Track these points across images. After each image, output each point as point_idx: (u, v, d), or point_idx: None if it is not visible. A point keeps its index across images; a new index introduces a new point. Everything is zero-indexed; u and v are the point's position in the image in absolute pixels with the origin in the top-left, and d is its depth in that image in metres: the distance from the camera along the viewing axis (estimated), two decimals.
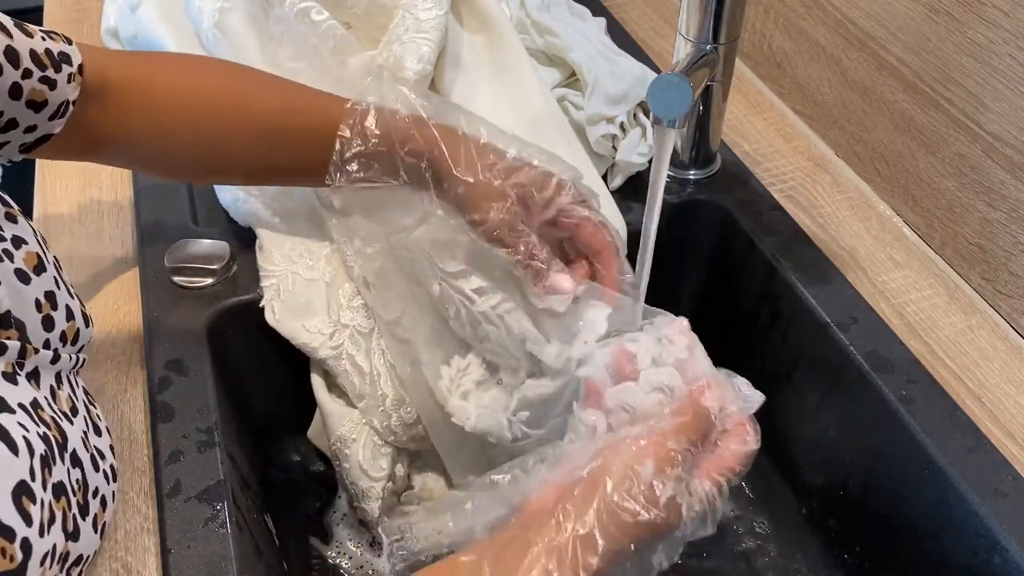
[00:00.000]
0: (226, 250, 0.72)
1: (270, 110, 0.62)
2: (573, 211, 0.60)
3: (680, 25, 0.72)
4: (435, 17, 0.77)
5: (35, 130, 0.54)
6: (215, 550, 0.55)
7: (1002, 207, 0.68)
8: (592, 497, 0.45)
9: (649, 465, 0.46)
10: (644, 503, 0.45)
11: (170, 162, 0.64)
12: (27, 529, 0.41)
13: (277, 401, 0.77)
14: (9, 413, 0.44)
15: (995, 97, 0.66)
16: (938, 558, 0.62)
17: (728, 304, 0.82)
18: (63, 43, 0.55)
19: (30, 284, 0.51)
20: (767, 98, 0.91)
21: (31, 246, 0.52)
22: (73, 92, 0.55)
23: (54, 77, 0.53)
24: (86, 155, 0.62)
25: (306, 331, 0.69)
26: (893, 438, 0.64)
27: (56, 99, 0.54)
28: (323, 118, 0.61)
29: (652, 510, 0.45)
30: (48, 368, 0.52)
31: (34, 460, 0.43)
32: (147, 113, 0.59)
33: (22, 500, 0.41)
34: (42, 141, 0.55)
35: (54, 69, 0.53)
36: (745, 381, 0.53)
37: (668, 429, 0.48)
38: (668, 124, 0.56)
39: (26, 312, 0.50)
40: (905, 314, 0.70)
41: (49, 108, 0.54)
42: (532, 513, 0.47)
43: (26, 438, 0.43)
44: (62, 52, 0.54)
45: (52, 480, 0.45)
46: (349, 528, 0.76)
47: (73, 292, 0.56)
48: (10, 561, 0.39)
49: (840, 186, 0.81)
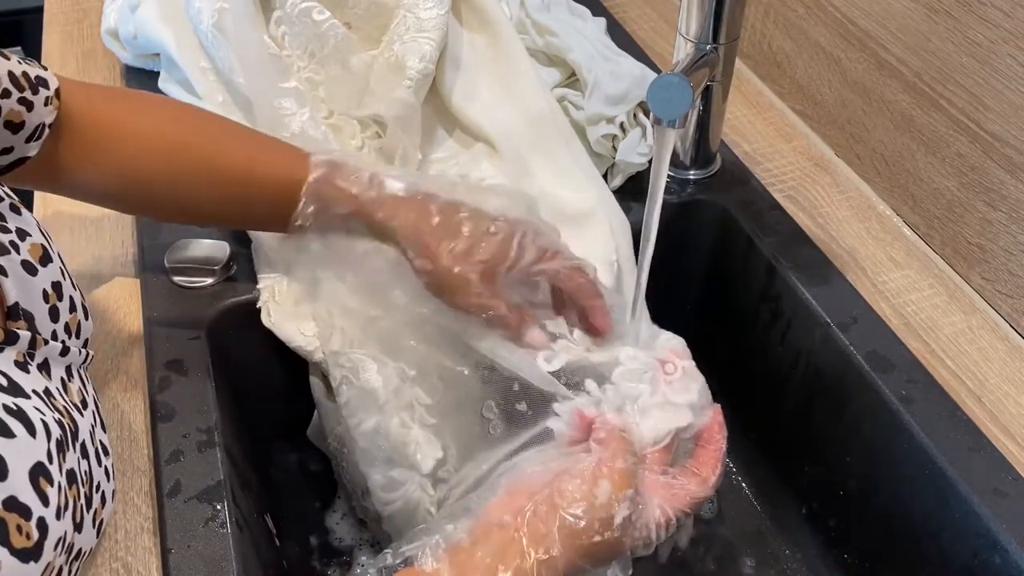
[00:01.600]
0: (226, 250, 0.72)
1: (232, 162, 0.61)
2: (538, 269, 0.59)
3: (680, 25, 0.72)
4: (436, 16, 0.77)
5: (11, 152, 0.54)
6: (215, 550, 0.55)
7: (1002, 207, 0.68)
8: (551, 519, 0.47)
9: (604, 487, 0.48)
10: (599, 527, 0.47)
11: (126, 201, 0.64)
12: (44, 509, 0.41)
13: (277, 401, 0.77)
14: (25, 398, 0.45)
15: (995, 97, 0.66)
16: (938, 558, 0.62)
17: (728, 304, 0.82)
18: (39, 68, 0.55)
19: (37, 275, 0.51)
20: (767, 98, 0.91)
21: (35, 237, 0.52)
22: (50, 115, 0.55)
23: (31, 99, 0.53)
24: (47, 185, 0.61)
25: (301, 334, 0.69)
26: (893, 438, 0.64)
27: (33, 121, 0.53)
28: (283, 172, 0.59)
29: (607, 532, 0.47)
30: (58, 360, 0.52)
31: (51, 443, 0.44)
32: (105, 153, 0.59)
33: (39, 481, 0.42)
34: (16, 164, 0.55)
35: (32, 91, 0.53)
36: None
37: (616, 449, 0.49)
38: (668, 124, 0.56)
39: (34, 303, 0.51)
40: (905, 314, 0.70)
41: (26, 130, 0.53)
42: (489, 526, 0.48)
43: (43, 421, 0.44)
44: (39, 76, 0.54)
45: (67, 466, 0.45)
46: (349, 528, 0.76)
47: (75, 283, 0.57)
48: (27, 539, 0.39)
49: (840, 186, 0.81)
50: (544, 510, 0.47)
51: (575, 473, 0.48)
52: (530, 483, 0.49)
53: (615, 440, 0.50)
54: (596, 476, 0.48)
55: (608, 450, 0.49)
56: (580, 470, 0.48)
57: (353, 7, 0.79)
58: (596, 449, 0.50)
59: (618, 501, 0.48)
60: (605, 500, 0.47)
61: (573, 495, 0.47)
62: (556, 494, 0.48)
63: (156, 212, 0.66)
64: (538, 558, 0.46)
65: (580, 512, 0.47)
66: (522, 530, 0.47)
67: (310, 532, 0.76)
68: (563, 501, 0.47)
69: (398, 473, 0.65)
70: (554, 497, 0.48)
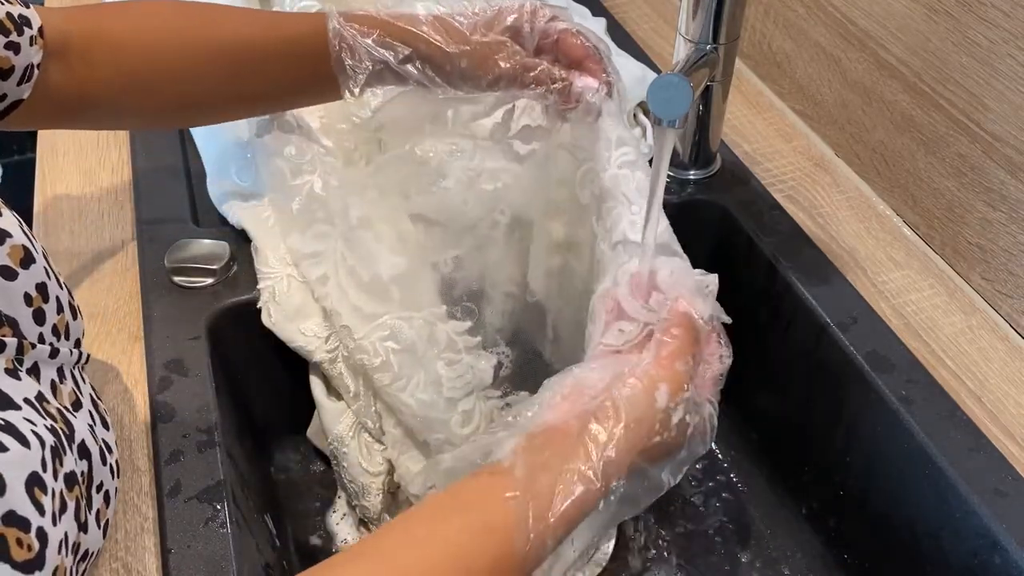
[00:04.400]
0: (226, 250, 0.72)
1: (239, 34, 0.61)
2: (550, 28, 0.63)
3: (680, 25, 0.72)
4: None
5: (4, 99, 0.53)
6: (215, 550, 0.55)
7: (1002, 207, 0.68)
8: (614, 422, 0.47)
9: (664, 390, 0.48)
10: (659, 428, 0.47)
11: (147, 111, 0.63)
12: (41, 518, 0.41)
13: (277, 401, 0.77)
14: (15, 410, 0.44)
15: (995, 97, 0.66)
16: (938, 558, 0.62)
17: (728, 304, 0.82)
18: (20, 6, 0.54)
19: (17, 279, 0.49)
20: (767, 98, 0.91)
21: (16, 238, 0.50)
22: (37, 55, 0.54)
23: (17, 41, 0.52)
24: (58, 120, 0.61)
25: (301, 334, 0.69)
26: (893, 438, 0.64)
27: (21, 63, 0.53)
28: (303, 29, 0.61)
29: (666, 433, 0.47)
30: (48, 363, 0.51)
31: (45, 451, 0.43)
32: (113, 65, 0.58)
33: (35, 491, 0.41)
34: (12, 108, 0.55)
35: (17, 33, 0.52)
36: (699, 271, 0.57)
37: (673, 350, 0.49)
38: (668, 124, 0.56)
39: (16, 308, 0.49)
40: (905, 314, 0.70)
41: (16, 74, 0.53)
42: (555, 436, 0.47)
43: (35, 431, 0.43)
44: (22, 15, 0.53)
45: (64, 470, 0.45)
46: (349, 528, 0.76)
47: (62, 282, 0.55)
48: (28, 551, 0.39)
49: (840, 186, 0.81)
50: (604, 413, 0.47)
51: (633, 377, 0.48)
52: (588, 387, 0.49)
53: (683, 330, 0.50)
54: (654, 378, 0.48)
55: (666, 349, 0.49)
56: (638, 375, 0.48)
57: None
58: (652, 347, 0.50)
59: (675, 403, 0.48)
60: (664, 403, 0.47)
61: (634, 398, 0.47)
62: (617, 397, 0.47)
63: (175, 113, 0.66)
64: (602, 458, 0.45)
65: (639, 415, 0.47)
66: (585, 434, 0.46)
67: (310, 532, 0.76)
68: (623, 404, 0.47)
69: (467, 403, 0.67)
70: (615, 400, 0.47)
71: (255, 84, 0.63)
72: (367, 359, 0.66)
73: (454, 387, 0.67)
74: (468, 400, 0.67)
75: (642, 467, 0.48)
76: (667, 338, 0.50)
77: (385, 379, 0.66)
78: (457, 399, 0.67)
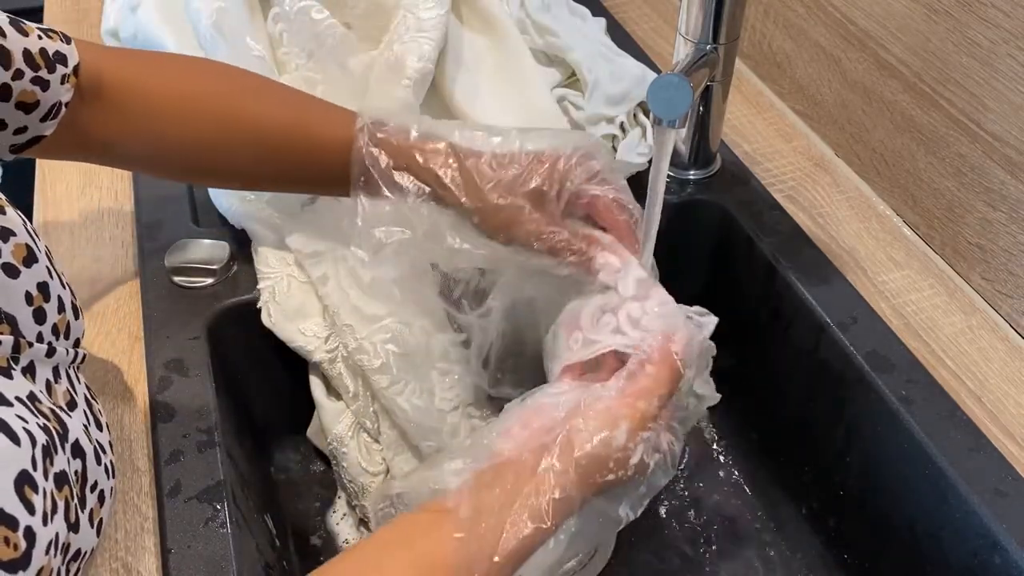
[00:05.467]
0: (226, 250, 0.72)
1: (273, 118, 0.60)
2: (583, 192, 0.58)
3: (680, 25, 0.72)
4: (436, 16, 0.77)
5: (25, 131, 0.53)
6: (215, 550, 0.55)
7: (1002, 207, 0.68)
8: (568, 458, 0.46)
9: (623, 428, 0.47)
10: (614, 467, 0.47)
11: (166, 165, 0.63)
12: (30, 518, 0.41)
13: (277, 401, 0.77)
14: (7, 406, 0.44)
15: (995, 97, 0.66)
16: (938, 558, 0.62)
17: (728, 304, 0.82)
18: (60, 42, 0.54)
19: (19, 277, 0.50)
20: (767, 98, 0.91)
21: (19, 237, 0.50)
22: (67, 94, 0.54)
23: (47, 78, 0.52)
24: (78, 155, 0.61)
25: (301, 334, 0.69)
26: (893, 438, 0.64)
27: (48, 100, 0.53)
28: (332, 132, 0.59)
29: (621, 472, 0.47)
30: (44, 362, 0.51)
31: (35, 450, 0.43)
32: (143, 117, 0.58)
33: (24, 489, 0.41)
34: (33, 142, 0.55)
35: (48, 69, 0.52)
36: (697, 308, 0.55)
37: (642, 386, 0.48)
38: (668, 124, 0.56)
39: (16, 306, 0.50)
40: (905, 314, 0.70)
41: (40, 109, 0.53)
42: (506, 471, 0.47)
43: (26, 429, 0.43)
44: (58, 52, 0.53)
45: (54, 470, 0.45)
46: (349, 528, 0.76)
47: (65, 282, 0.55)
48: (14, 550, 0.39)
49: (840, 186, 0.81)
50: (560, 449, 0.46)
51: (593, 411, 0.47)
52: (544, 418, 0.48)
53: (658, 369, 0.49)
54: (615, 416, 0.47)
55: (634, 385, 0.48)
56: (598, 409, 0.47)
57: (352, 7, 0.79)
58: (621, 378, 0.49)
59: (634, 443, 0.47)
60: (622, 442, 0.46)
61: (590, 434, 0.46)
62: (573, 432, 0.47)
63: (192, 173, 0.65)
64: (553, 497, 0.45)
65: (595, 452, 0.46)
66: (538, 469, 0.46)
67: (310, 532, 0.76)
68: (579, 440, 0.46)
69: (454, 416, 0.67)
70: (571, 435, 0.46)
71: (274, 168, 0.62)
72: (367, 360, 0.66)
73: (445, 398, 0.67)
74: (455, 414, 0.68)
75: (598, 505, 0.47)
76: (639, 373, 0.49)
77: (383, 381, 0.66)
78: (446, 411, 0.67)
